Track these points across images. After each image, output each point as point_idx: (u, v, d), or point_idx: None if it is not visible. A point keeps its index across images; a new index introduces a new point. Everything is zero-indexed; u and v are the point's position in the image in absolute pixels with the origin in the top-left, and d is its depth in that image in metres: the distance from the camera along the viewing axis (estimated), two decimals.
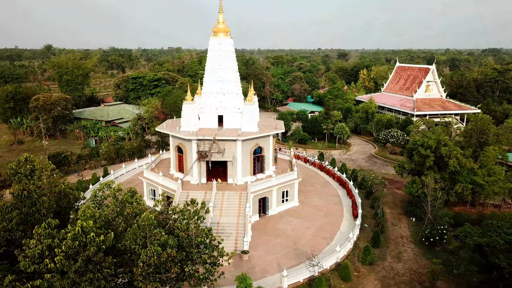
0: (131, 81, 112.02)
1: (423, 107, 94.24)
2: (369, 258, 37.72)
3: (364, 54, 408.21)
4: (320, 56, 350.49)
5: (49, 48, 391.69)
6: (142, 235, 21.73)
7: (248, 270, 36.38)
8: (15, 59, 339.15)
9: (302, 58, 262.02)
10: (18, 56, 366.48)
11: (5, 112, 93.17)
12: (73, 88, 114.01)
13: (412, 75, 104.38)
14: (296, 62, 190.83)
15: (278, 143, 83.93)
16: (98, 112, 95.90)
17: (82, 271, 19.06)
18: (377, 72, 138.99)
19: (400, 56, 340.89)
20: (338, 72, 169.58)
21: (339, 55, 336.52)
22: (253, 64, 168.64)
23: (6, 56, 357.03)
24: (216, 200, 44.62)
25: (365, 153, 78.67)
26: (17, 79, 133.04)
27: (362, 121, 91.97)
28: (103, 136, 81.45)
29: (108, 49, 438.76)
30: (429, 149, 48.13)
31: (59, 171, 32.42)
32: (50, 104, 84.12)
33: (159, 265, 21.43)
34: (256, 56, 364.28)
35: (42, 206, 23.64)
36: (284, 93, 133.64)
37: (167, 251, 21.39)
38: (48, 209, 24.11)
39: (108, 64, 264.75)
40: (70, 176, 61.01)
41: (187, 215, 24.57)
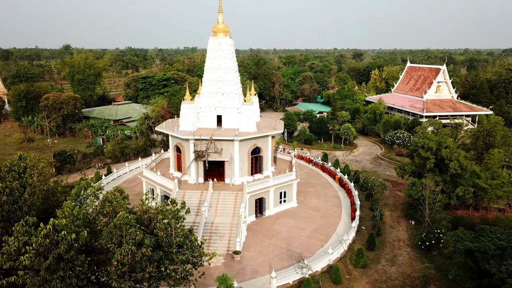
0: (140, 81, 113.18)
1: (432, 108, 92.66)
2: (362, 261, 37.22)
3: (381, 54, 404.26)
4: (334, 56, 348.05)
5: (67, 48, 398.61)
6: (119, 234, 21.87)
7: (238, 270, 36.42)
8: (34, 58, 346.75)
9: (316, 58, 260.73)
10: (37, 56, 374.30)
11: (17, 110, 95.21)
12: (85, 87, 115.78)
13: (423, 76, 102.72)
14: (309, 62, 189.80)
15: (283, 143, 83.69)
16: (107, 111, 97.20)
17: (53, 269, 19.27)
18: (389, 72, 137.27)
19: (417, 56, 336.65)
20: (351, 72, 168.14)
21: (354, 55, 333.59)
22: (264, 64, 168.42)
23: (26, 56, 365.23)
24: (211, 200, 44.68)
25: (371, 155, 77.76)
26: (31, 79, 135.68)
27: (370, 122, 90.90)
28: (110, 135, 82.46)
29: (125, 48, 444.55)
30: (429, 151, 47.27)
31: (49, 169, 32.71)
32: (59, 103, 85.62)
33: (133, 264, 21.54)
34: (271, 56, 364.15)
35: (24, 204, 24.01)
36: (293, 93, 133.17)
37: (142, 250, 21.50)
38: (31, 207, 24.47)
39: (123, 63, 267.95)
40: (73, 174, 61.97)
41: (167, 215, 24.63)
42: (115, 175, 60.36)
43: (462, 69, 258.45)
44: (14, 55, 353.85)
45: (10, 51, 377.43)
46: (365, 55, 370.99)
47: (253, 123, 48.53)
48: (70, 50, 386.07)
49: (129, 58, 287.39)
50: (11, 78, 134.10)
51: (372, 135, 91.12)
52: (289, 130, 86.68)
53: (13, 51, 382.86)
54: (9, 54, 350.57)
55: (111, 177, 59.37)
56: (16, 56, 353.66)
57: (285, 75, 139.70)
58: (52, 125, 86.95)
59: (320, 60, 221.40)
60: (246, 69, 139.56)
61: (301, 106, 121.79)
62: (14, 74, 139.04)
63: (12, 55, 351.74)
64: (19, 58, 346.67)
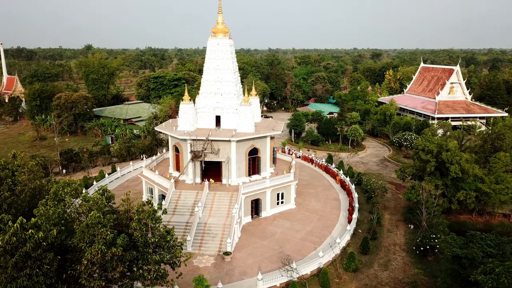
0: (152, 81, 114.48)
1: (445, 109, 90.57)
2: (353, 265, 36.65)
3: (402, 54, 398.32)
4: (352, 56, 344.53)
5: (89, 48, 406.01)
6: (91, 233, 22.12)
7: (227, 271, 36.42)
8: (56, 58, 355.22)
9: (333, 58, 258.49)
10: (60, 56, 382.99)
11: (32, 109, 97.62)
12: (99, 86, 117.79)
13: (436, 77, 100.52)
14: (324, 62, 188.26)
15: (290, 144, 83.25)
16: (117, 111, 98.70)
17: (20, 267, 19.62)
18: (404, 72, 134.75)
19: (438, 56, 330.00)
20: (366, 72, 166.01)
21: (373, 55, 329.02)
22: (278, 64, 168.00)
23: (49, 55, 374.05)
24: (207, 200, 44.79)
25: (378, 156, 76.59)
26: (49, 78, 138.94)
27: (380, 123, 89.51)
28: (119, 134, 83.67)
29: (145, 48, 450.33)
30: (430, 153, 46.19)
31: (40, 168, 33.34)
32: (71, 102, 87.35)
33: (104, 263, 21.74)
34: (289, 56, 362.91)
35: (4, 202, 24.54)
36: (305, 93, 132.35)
37: (112, 250, 21.67)
38: (11, 205, 24.99)
39: (141, 63, 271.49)
40: (78, 173, 63.09)
41: (143, 215, 24.76)
42: (118, 174, 61.21)
43: (484, 69, 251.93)
44: (37, 55, 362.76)
45: (34, 51, 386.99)
46: (384, 55, 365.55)
47: (250, 124, 48.39)
48: (92, 50, 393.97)
49: (147, 58, 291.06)
50: (30, 78, 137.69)
51: (381, 137, 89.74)
52: (297, 131, 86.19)
53: (37, 51, 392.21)
54: (33, 54, 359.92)
55: (114, 176, 60.24)
56: (39, 56, 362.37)
57: (297, 75, 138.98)
58: (64, 124, 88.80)
59: (337, 60, 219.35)
60: (259, 69, 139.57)
61: (312, 106, 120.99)
62: (32, 73, 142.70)
63: (35, 55, 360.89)
64: (42, 58, 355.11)
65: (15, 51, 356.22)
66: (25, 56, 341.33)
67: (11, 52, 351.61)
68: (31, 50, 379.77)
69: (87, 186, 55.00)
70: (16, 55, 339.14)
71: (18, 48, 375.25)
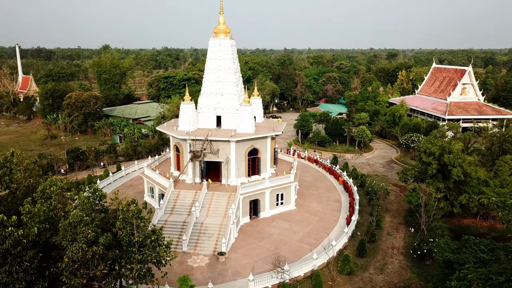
0: (162, 80, 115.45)
1: (456, 111, 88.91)
2: (347, 268, 36.24)
3: (419, 54, 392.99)
4: (368, 56, 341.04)
5: (106, 48, 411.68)
6: (73, 232, 22.40)
7: (220, 271, 36.44)
8: (74, 58, 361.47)
9: (348, 58, 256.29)
10: (77, 56, 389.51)
11: (44, 108, 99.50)
12: (110, 86, 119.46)
13: (448, 77, 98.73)
14: (337, 62, 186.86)
15: (297, 144, 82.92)
16: (127, 110, 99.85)
17: (0, 263, 19.98)
18: (417, 73, 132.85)
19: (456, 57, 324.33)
20: (379, 73, 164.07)
21: (388, 55, 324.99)
22: (290, 64, 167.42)
23: (67, 55, 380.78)
24: (205, 200, 44.91)
25: (385, 158, 75.61)
26: (63, 78, 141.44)
27: (389, 124, 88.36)
28: (127, 133, 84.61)
29: (161, 48, 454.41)
30: (431, 156, 45.35)
31: (35, 166, 33.99)
32: (81, 101, 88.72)
33: (85, 261, 21.99)
34: (303, 56, 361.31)
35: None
36: (315, 93, 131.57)
37: (93, 248, 21.90)
38: (1, 202, 25.48)
39: (156, 63, 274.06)
40: (83, 171, 64.00)
41: (128, 214, 24.94)
42: (123, 173, 61.86)
43: (503, 70, 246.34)
44: (55, 55, 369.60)
45: (53, 51, 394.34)
46: (400, 55, 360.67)
47: (250, 124, 48.30)
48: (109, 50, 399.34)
49: (161, 58, 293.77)
50: (44, 77, 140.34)
51: (390, 138, 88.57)
52: (304, 131, 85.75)
53: (55, 51, 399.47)
54: (51, 54, 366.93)
55: (119, 175, 60.91)
56: (57, 56, 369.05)
57: (308, 75, 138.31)
58: (74, 123, 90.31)
59: (350, 60, 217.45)
60: (270, 69, 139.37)
61: (322, 107, 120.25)
62: (47, 73, 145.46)
63: (54, 55, 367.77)
64: (60, 58, 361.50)
65: (35, 51, 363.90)
66: (43, 56, 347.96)
67: (31, 52, 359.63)
68: (49, 50, 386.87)
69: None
70: (35, 55, 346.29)
71: (37, 48, 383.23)
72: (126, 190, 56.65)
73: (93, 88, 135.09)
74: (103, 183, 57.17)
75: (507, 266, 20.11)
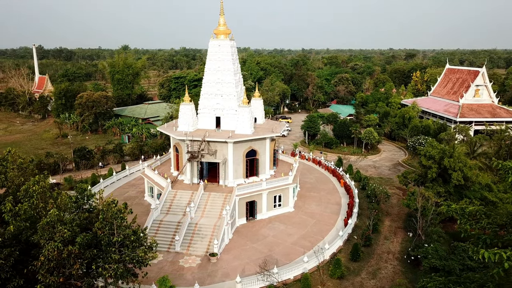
0: (173, 81, 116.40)
1: (468, 113, 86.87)
2: (338, 272, 35.78)
3: (439, 54, 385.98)
4: (386, 56, 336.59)
5: (125, 48, 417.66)
6: (50, 231, 22.75)
7: (210, 272, 36.50)
8: (94, 58, 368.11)
9: (365, 58, 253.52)
10: (97, 56, 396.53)
11: (57, 107, 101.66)
12: (123, 86, 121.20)
13: (461, 79, 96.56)
14: (351, 63, 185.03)
15: (304, 146, 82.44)
16: (137, 110, 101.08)
17: None
18: (432, 74, 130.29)
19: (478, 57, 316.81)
20: (394, 74, 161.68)
21: (407, 55, 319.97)
22: (304, 64, 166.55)
23: (87, 55, 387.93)
24: (201, 201, 45.06)
25: (392, 161, 74.41)
26: (79, 78, 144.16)
27: (398, 126, 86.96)
28: (136, 133, 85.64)
29: (179, 49, 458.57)
30: (432, 159, 44.44)
31: (29, 164, 34.67)
32: (92, 101, 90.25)
33: (61, 260, 22.31)
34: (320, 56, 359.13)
35: None
36: (327, 94, 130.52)
37: (68, 247, 22.20)
38: None
39: (172, 63, 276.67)
40: (88, 170, 65.01)
41: (107, 214, 25.19)
42: (127, 172, 62.65)
43: None
44: (76, 55, 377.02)
45: (73, 51, 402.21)
46: (419, 55, 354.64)
47: (248, 125, 48.22)
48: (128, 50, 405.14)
49: (178, 58, 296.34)
50: (61, 77, 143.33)
51: (400, 141, 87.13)
52: (311, 133, 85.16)
53: (76, 51, 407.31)
54: (72, 54, 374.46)
55: (123, 174, 61.70)
56: (78, 56, 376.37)
57: (320, 76, 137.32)
58: (85, 122, 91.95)
59: (366, 60, 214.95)
60: (282, 70, 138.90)
61: (333, 108, 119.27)
62: (63, 73, 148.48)
63: (74, 55, 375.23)
64: (81, 58, 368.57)
65: (56, 52, 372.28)
66: (64, 56, 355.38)
67: (52, 53, 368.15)
68: (70, 50, 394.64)
69: (94, 183, 56.73)
70: (56, 55, 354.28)
71: (58, 49, 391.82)
72: (128, 189, 57.51)
73: (107, 88, 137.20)
74: (107, 182, 58.06)
75: (475, 275, 19.53)
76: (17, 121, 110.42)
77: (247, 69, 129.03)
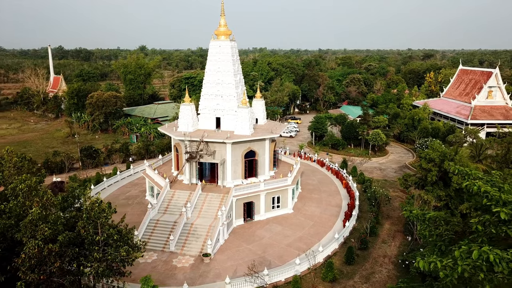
0: (184, 81, 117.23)
1: (480, 115, 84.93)
2: (330, 275, 35.43)
3: (459, 55, 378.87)
4: (403, 57, 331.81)
5: (143, 49, 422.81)
6: (33, 229, 23.19)
7: (202, 273, 36.59)
8: (112, 59, 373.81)
9: (381, 59, 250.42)
10: (115, 57, 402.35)
11: (70, 107, 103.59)
12: (135, 86, 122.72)
13: (474, 80, 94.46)
14: (365, 64, 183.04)
15: (310, 147, 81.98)
16: (147, 110, 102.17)
17: None
18: (446, 75, 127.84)
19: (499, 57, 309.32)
20: (408, 74, 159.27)
21: (424, 56, 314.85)
22: (317, 65, 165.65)
23: (105, 56, 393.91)
24: (198, 201, 45.24)
25: (399, 163, 73.33)
26: (93, 78, 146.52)
27: (407, 128, 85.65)
28: (144, 132, 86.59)
29: (196, 49, 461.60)
30: (432, 162, 43.59)
31: (24, 163, 35.44)
32: (102, 101, 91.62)
33: (41, 258, 22.72)
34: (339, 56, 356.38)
35: None
36: (338, 95, 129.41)
37: (49, 245, 22.58)
38: None
39: (187, 64, 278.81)
40: (94, 169, 65.98)
41: (91, 213, 25.52)
42: (131, 171, 63.35)
43: None
44: (94, 56, 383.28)
45: (92, 51, 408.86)
46: (437, 56, 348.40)
47: (247, 126, 48.16)
48: (145, 51, 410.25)
49: (193, 58, 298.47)
50: (75, 77, 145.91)
51: (409, 142, 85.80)
52: (318, 134, 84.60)
53: (95, 52, 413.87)
54: (90, 55, 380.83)
55: (126, 173, 62.41)
56: (96, 56, 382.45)
57: (332, 76, 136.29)
58: (95, 121, 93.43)
59: (381, 61, 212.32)
60: (294, 70, 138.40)
61: (344, 109, 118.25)
62: (78, 73, 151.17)
63: (93, 56, 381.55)
64: (99, 58, 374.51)
65: (74, 52, 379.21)
66: (83, 56, 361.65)
67: (71, 53, 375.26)
68: (89, 51, 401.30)
69: (98, 182, 57.57)
70: (75, 55, 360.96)
71: (78, 49, 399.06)
72: (131, 188, 58.18)
73: (120, 88, 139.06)
74: (110, 181, 58.85)
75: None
76: (31, 120, 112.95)
77: (257, 70, 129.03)
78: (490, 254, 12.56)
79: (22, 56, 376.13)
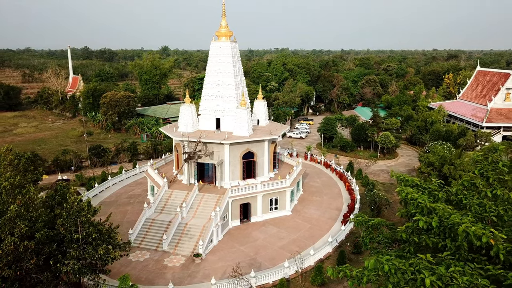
0: (197, 82, 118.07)
1: (496, 118, 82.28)
2: (319, 279, 34.99)
3: (487, 55, 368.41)
4: (426, 58, 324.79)
5: (165, 49, 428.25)
6: (11, 226, 23.81)
7: (191, 273, 36.76)
8: (134, 59, 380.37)
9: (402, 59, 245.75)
10: (138, 57, 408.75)
11: (85, 106, 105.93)
12: (150, 86, 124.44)
13: (491, 81, 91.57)
14: (384, 64, 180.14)
15: (319, 149, 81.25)
16: (159, 110, 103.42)
17: None
18: (465, 76, 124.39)
19: None
20: (428, 75, 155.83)
21: (448, 57, 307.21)
22: (334, 65, 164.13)
23: (128, 56, 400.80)
24: (194, 202, 45.48)
25: (408, 166, 71.78)
26: (111, 78, 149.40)
27: (419, 130, 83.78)
28: (154, 132, 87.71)
29: None
30: (431, 166, 42.52)
31: (20, 161, 36.40)
32: (115, 101, 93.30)
33: (18, 255, 23.29)
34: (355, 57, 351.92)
35: None
36: (352, 96, 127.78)
37: (25, 242, 23.13)
38: None
39: (205, 64, 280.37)
40: (101, 168, 67.22)
41: (70, 212, 26.01)
42: (137, 171, 64.24)
43: None
44: (118, 56, 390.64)
45: (116, 52, 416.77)
46: (462, 56, 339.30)
47: (246, 127, 48.13)
48: (167, 51, 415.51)
49: None
50: (94, 78, 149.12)
51: (420, 145, 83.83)
52: (327, 135, 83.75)
53: (118, 52, 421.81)
54: (114, 55, 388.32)
55: (132, 172, 63.32)
56: (119, 56, 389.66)
57: (347, 77, 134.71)
58: (109, 121, 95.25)
59: (401, 62, 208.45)
60: (309, 71, 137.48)
61: (358, 110, 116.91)
62: (96, 73, 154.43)
63: (116, 56, 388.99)
64: (122, 58, 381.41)
65: (99, 52, 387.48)
66: (106, 57, 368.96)
67: (96, 53, 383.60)
68: (113, 51, 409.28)
69: (104, 180, 58.62)
70: (99, 56, 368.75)
71: (102, 50, 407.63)
72: (135, 187, 59.01)
73: (136, 88, 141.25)
74: (115, 179, 59.81)
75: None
76: (49, 119, 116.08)
77: (271, 71, 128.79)
78: (385, 264, 12.10)
79: (49, 56, 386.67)
